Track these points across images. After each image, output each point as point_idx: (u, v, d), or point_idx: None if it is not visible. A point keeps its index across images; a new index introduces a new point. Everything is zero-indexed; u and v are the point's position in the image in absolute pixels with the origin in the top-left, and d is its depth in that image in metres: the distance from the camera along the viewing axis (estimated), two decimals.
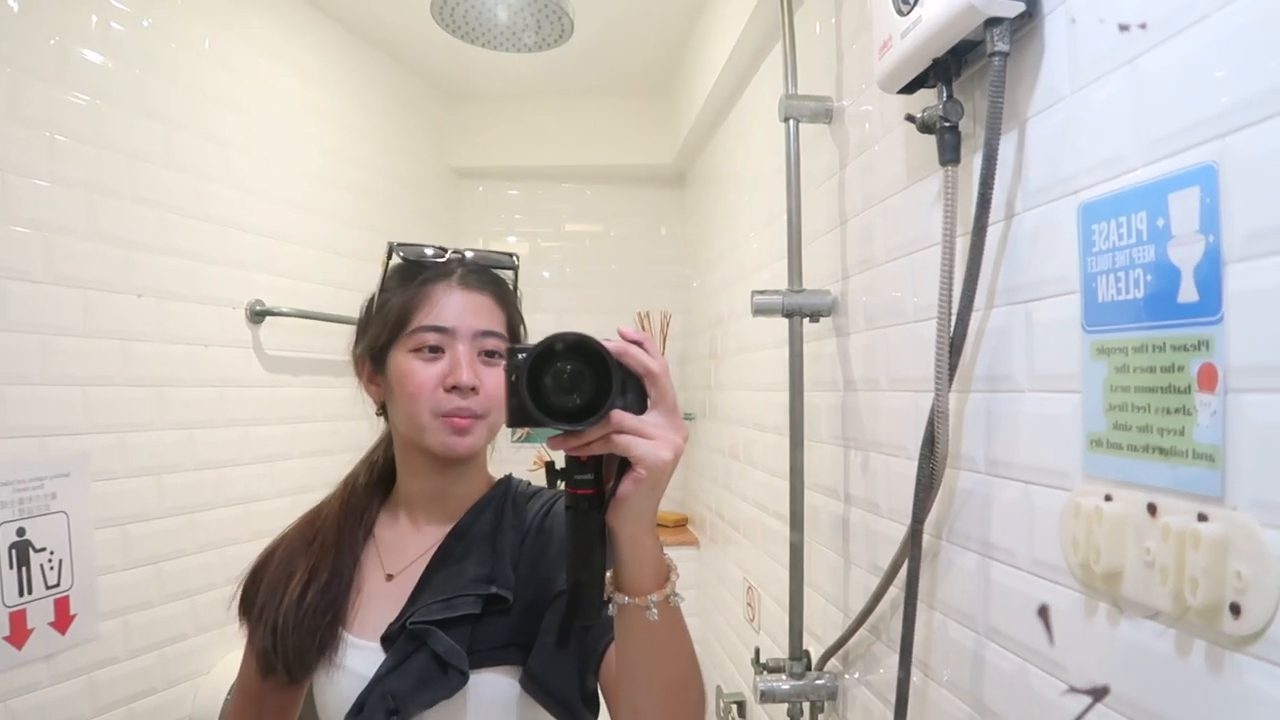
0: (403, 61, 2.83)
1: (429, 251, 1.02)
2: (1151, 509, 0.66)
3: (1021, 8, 0.82)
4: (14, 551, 1.40)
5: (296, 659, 0.95)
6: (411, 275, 1.01)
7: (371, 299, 1.04)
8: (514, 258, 1.07)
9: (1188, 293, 0.64)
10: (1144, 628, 0.68)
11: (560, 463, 0.74)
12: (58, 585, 1.48)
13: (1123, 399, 0.70)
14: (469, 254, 1.04)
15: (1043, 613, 0.81)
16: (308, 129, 2.32)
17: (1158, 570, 0.64)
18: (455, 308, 0.97)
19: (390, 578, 1.01)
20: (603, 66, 2.91)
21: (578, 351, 0.67)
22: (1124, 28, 0.71)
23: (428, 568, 0.99)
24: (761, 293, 1.43)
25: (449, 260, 1.02)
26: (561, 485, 0.73)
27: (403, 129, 2.88)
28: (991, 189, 0.87)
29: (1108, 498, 0.71)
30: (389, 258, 1.03)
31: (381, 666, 0.92)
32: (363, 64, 2.62)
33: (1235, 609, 0.57)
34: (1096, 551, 0.70)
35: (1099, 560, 0.70)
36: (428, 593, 0.97)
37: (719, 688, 2.38)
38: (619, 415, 0.67)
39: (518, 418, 0.68)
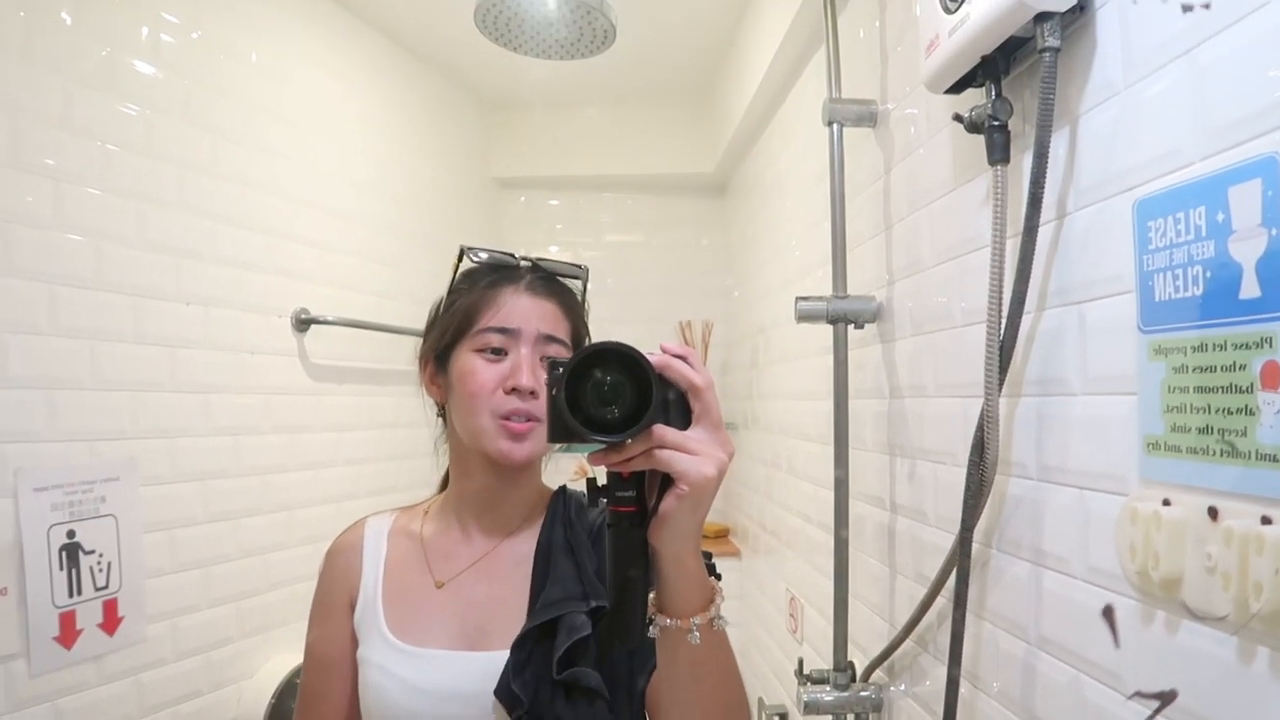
0: (446, 71, 2.87)
1: (499, 256, 1.04)
2: (1213, 513, 0.63)
3: (1073, 1, 0.81)
4: (64, 553, 1.43)
5: None
6: (480, 277, 1.02)
7: (440, 301, 1.06)
8: (583, 269, 1.08)
9: (1249, 288, 0.61)
10: (1205, 635, 0.66)
11: (602, 479, 0.71)
12: (106, 587, 1.50)
13: (1181, 400, 0.68)
14: (539, 261, 1.05)
15: (1107, 613, 0.78)
16: (353, 139, 2.36)
17: (1219, 576, 0.62)
18: (521, 311, 0.98)
19: (440, 585, 1.01)
20: (644, 73, 2.93)
21: (617, 362, 0.65)
22: (1187, 8, 0.69)
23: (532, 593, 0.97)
24: (806, 298, 1.42)
25: (519, 265, 1.04)
26: (604, 503, 0.72)
27: (446, 139, 2.91)
28: (1042, 188, 0.85)
29: (1166, 502, 0.69)
30: (460, 260, 1.05)
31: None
32: (407, 74, 2.65)
33: None
34: (1155, 557, 0.68)
35: (1158, 566, 0.68)
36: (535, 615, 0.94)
37: (760, 699, 2.35)
38: (661, 430, 0.65)
39: (557, 432, 0.66)
